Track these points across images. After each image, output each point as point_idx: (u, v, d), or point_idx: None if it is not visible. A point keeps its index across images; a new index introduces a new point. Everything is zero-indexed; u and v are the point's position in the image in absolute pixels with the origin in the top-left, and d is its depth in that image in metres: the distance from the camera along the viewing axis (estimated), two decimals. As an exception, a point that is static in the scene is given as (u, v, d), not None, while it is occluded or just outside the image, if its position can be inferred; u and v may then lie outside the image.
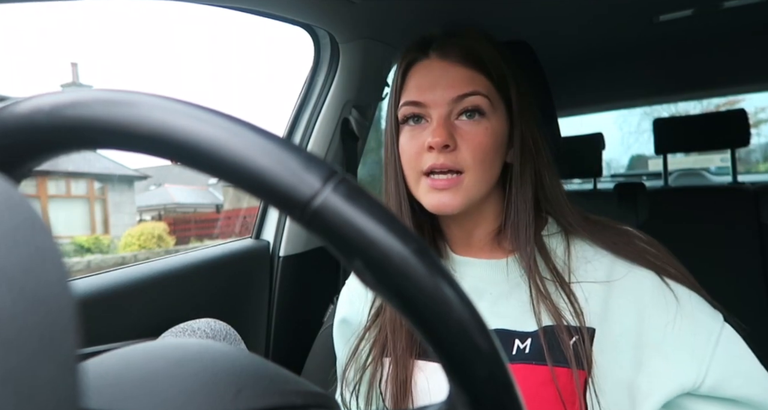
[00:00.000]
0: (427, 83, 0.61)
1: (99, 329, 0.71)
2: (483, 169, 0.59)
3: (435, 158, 0.58)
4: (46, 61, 34.03)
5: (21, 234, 0.15)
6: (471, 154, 0.58)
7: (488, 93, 0.60)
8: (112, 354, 0.24)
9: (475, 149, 0.58)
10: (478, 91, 0.59)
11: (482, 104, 0.59)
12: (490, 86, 0.60)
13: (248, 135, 0.19)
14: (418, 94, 0.61)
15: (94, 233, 11.49)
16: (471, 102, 0.59)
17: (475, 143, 0.59)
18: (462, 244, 0.67)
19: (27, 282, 0.14)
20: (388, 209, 0.20)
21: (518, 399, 0.21)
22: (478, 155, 0.58)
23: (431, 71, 0.61)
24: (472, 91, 0.59)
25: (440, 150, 0.58)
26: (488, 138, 0.59)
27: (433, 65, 0.61)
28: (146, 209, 15.59)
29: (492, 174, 0.61)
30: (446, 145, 0.57)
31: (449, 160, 0.58)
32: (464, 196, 0.59)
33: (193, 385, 0.22)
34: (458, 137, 0.59)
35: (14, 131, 0.21)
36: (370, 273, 0.19)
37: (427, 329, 0.20)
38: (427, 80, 0.61)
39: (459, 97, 0.59)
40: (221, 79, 44.69)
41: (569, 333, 0.56)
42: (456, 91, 0.59)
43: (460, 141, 0.59)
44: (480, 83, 0.60)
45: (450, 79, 0.60)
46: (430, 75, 0.61)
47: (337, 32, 1.06)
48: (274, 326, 1.12)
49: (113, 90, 0.20)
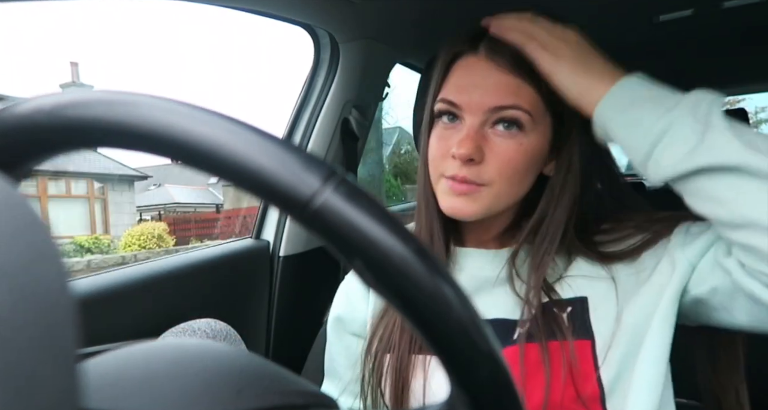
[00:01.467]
0: (468, 85, 0.57)
1: (99, 329, 0.71)
2: (509, 185, 0.57)
3: (458, 169, 0.55)
4: (46, 61, 34.01)
5: (21, 234, 0.15)
6: (498, 170, 0.55)
7: (531, 108, 0.56)
8: (112, 354, 0.24)
9: (503, 166, 0.55)
10: (520, 105, 0.55)
11: (522, 118, 0.55)
12: (536, 100, 0.56)
13: (248, 135, 0.19)
14: (456, 94, 0.57)
15: (94, 233, 11.49)
16: (509, 115, 0.55)
17: (505, 160, 0.55)
18: (473, 238, 0.66)
19: (27, 282, 0.14)
20: (388, 209, 0.20)
21: (518, 398, 0.21)
22: (506, 171, 0.56)
23: (475, 71, 0.57)
24: (513, 104, 0.55)
25: (464, 162, 0.55)
26: (520, 155, 0.56)
27: (479, 65, 0.57)
28: (146, 209, 15.59)
29: (520, 189, 0.59)
30: (471, 159, 0.54)
31: (472, 173, 0.55)
32: (482, 205, 0.57)
33: (193, 385, 0.22)
34: (487, 150, 0.55)
35: (15, 131, 0.21)
36: (371, 273, 0.19)
37: (427, 329, 0.20)
38: (469, 81, 0.57)
39: (497, 108, 0.55)
40: (221, 80, 44.67)
41: (563, 306, 0.57)
42: (496, 100, 0.55)
43: (489, 154, 0.55)
44: (525, 96, 0.55)
45: (492, 86, 0.56)
46: (472, 76, 0.57)
47: (337, 32, 1.06)
48: (274, 326, 1.12)
49: (114, 90, 0.20)
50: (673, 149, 0.48)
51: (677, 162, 0.48)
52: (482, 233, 0.65)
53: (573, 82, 0.54)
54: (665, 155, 0.49)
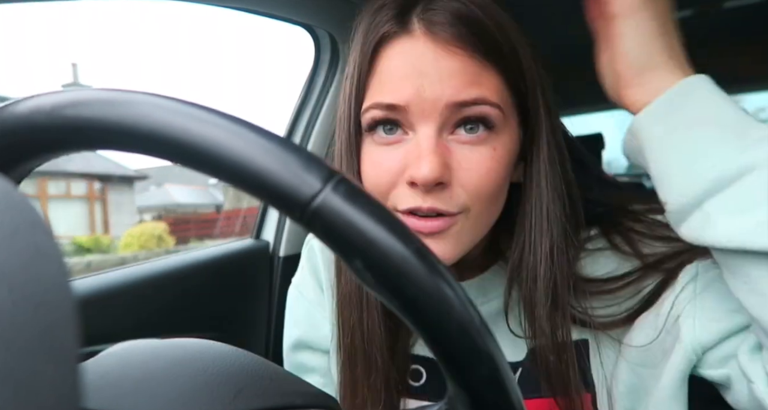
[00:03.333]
0: (409, 78, 0.40)
1: (99, 329, 0.71)
2: (488, 205, 0.42)
3: (420, 199, 0.40)
4: (46, 61, 34.00)
5: (21, 234, 0.15)
6: (473, 190, 0.41)
7: (500, 99, 0.41)
8: (112, 353, 0.24)
9: (478, 184, 0.41)
10: (486, 98, 0.40)
11: (491, 115, 0.41)
12: (502, 87, 0.41)
13: (248, 135, 0.19)
14: (395, 93, 0.40)
15: (94, 233, 11.49)
16: (475, 113, 0.40)
17: (479, 176, 0.40)
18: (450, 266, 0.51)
19: (27, 282, 0.14)
20: (388, 210, 0.20)
21: (518, 398, 0.21)
22: (482, 191, 0.41)
23: (416, 58, 0.40)
24: (477, 97, 0.40)
25: (429, 189, 0.39)
26: (497, 164, 0.41)
27: (419, 47, 0.40)
28: (146, 209, 15.59)
29: (497, 209, 0.45)
30: (440, 182, 0.39)
31: (441, 201, 0.40)
32: (459, 244, 0.42)
33: (193, 385, 0.22)
34: (454, 165, 0.40)
35: (14, 131, 0.21)
36: (371, 274, 0.19)
37: (427, 329, 0.20)
38: (409, 73, 0.40)
39: (457, 105, 0.40)
40: (221, 79, 44.65)
41: (559, 353, 0.45)
42: (454, 94, 0.39)
43: (458, 171, 0.40)
44: (489, 83, 0.40)
45: (445, 74, 0.39)
46: (412, 65, 0.40)
47: (337, 32, 1.06)
48: (274, 326, 1.12)
49: (113, 90, 0.20)
50: (744, 208, 0.33)
51: (741, 232, 0.33)
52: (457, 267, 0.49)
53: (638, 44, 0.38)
54: (725, 215, 0.34)
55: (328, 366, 0.59)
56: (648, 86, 0.38)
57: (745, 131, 0.35)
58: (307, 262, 0.62)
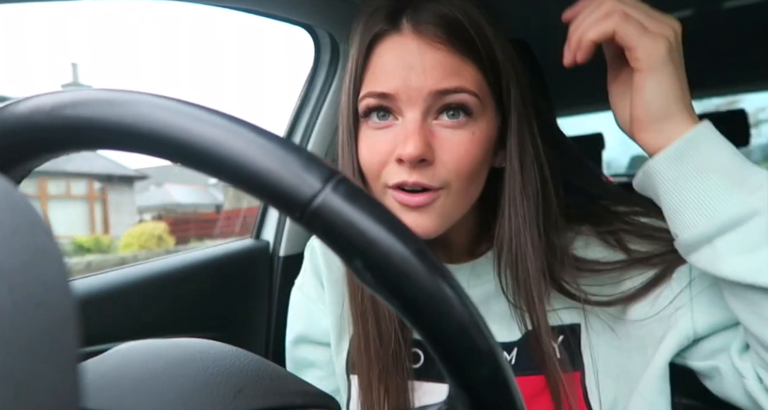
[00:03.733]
0: (398, 69, 0.46)
1: (99, 329, 0.71)
2: (467, 184, 0.48)
3: (406, 174, 0.46)
4: (46, 61, 34.01)
5: (21, 234, 0.15)
6: (454, 168, 0.46)
7: (477, 89, 0.47)
8: (112, 353, 0.24)
9: (458, 163, 0.46)
10: (465, 87, 0.46)
11: (470, 102, 0.46)
12: (479, 79, 0.47)
13: (248, 135, 0.19)
14: (386, 82, 0.47)
15: (94, 233, 11.49)
16: (455, 100, 0.46)
17: (458, 156, 0.46)
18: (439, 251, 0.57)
19: (27, 282, 0.14)
20: (388, 210, 0.20)
21: (518, 398, 0.21)
22: (462, 168, 0.46)
23: (404, 52, 0.46)
24: (457, 86, 0.46)
25: (414, 165, 0.45)
26: (475, 146, 0.47)
27: (407, 44, 0.46)
28: (146, 209, 15.59)
29: (477, 188, 0.50)
30: (423, 159, 0.45)
31: (425, 177, 0.46)
32: (441, 217, 0.47)
33: (194, 385, 0.22)
34: (437, 146, 0.46)
35: (14, 131, 0.21)
36: (371, 273, 0.19)
37: (427, 329, 0.20)
38: (398, 65, 0.46)
39: (440, 93, 0.46)
40: (221, 79, 44.67)
41: (555, 335, 0.51)
42: (436, 83, 0.45)
43: (440, 151, 0.46)
44: (468, 75, 0.47)
45: (429, 66, 0.45)
46: (402, 58, 0.46)
47: (337, 32, 1.06)
48: (273, 326, 1.12)
49: (113, 90, 0.20)
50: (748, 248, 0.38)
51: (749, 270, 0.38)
52: (447, 250, 0.57)
53: (658, 96, 0.42)
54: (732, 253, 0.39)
55: (329, 358, 0.62)
56: (663, 133, 0.43)
57: (748, 176, 0.40)
58: (309, 262, 0.67)
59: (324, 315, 0.62)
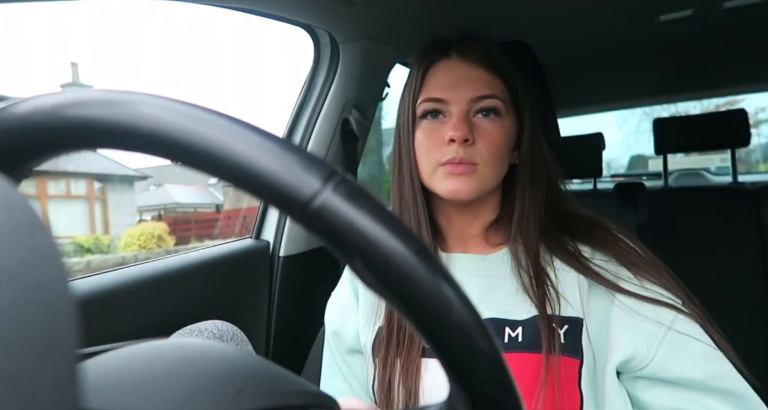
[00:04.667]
0: (449, 82, 0.65)
1: (99, 329, 0.71)
2: (496, 162, 0.64)
3: (455, 151, 0.62)
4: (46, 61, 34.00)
5: (21, 234, 0.15)
6: (487, 149, 0.63)
7: (503, 97, 0.65)
8: (112, 354, 0.24)
9: (491, 145, 0.63)
10: (496, 94, 0.64)
11: (498, 105, 0.64)
12: (505, 91, 0.65)
13: (248, 135, 0.19)
14: (440, 91, 0.65)
15: (94, 233, 11.49)
16: (488, 103, 0.64)
17: (491, 139, 0.63)
18: (456, 238, 0.70)
19: (27, 282, 0.14)
20: (388, 210, 0.20)
21: (518, 398, 0.21)
22: (492, 150, 0.63)
23: (453, 71, 0.65)
24: (490, 93, 0.64)
25: (460, 143, 0.62)
26: (503, 135, 0.64)
27: (455, 65, 0.66)
28: (146, 209, 15.59)
29: (502, 169, 0.66)
30: (466, 139, 0.62)
31: (467, 154, 0.62)
32: (478, 183, 0.63)
33: (194, 385, 0.22)
34: (476, 133, 0.63)
35: (14, 131, 0.21)
36: (371, 273, 0.19)
37: (427, 329, 0.20)
38: (449, 79, 0.65)
39: (478, 98, 0.64)
40: (221, 80, 44.68)
41: (560, 323, 0.59)
42: (476, 91, 0.63)
43: (477, 137, 0.63)
44: (497, 87, 0.65)
45: (471, 80, 0.64)
46: (452, 74, 0.65)
47: (337, 32, 1.06)
48: (274, 326, 1.12)
49: (113, 90, 0.20)
50: None
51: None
52: (466, 230, 0.70)
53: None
54: None
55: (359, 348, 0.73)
56: None
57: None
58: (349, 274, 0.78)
59: (352, 322, 0.73)
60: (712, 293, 0.58)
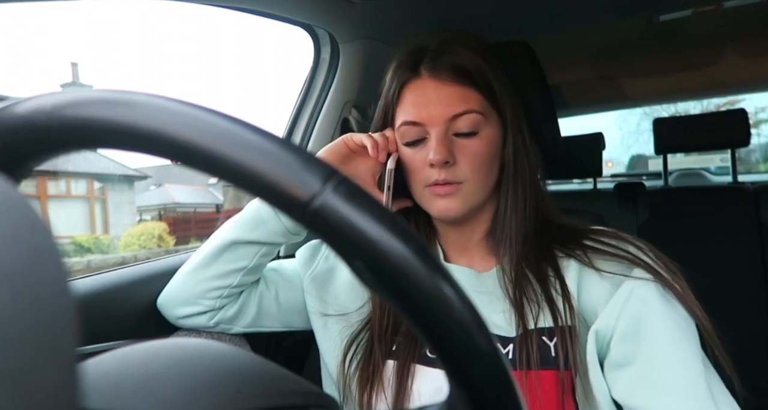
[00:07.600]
0: (422, 103, 0.63)
1: (99, 329, 0.71)
2: (481, 177, 0.63)
3: (437, 174, 0.62)
4: (46, 61, 34.03)
5: (21, 234, 0.15)
6: (469, 166, 0.62)
7: (481, 108, 0.63)
8: (112, 354, 0.24)
9: (473, 161, 0.62)
10: (471, 109, 0.62)
11: (477, 120, 0.62)
12: (481, 100, 0.63)
13: (248, 135, 0.19)
14: (415, 113, 0.64)
15: (94, 233, 11.48)
16: (466, 121, 0.62)
17: (472, 156, 0.62)
18: (459, 249, 0.70)
19: (27, 282, 0.14)
20: (387, 210, 0.20)
21: (518, 398, 0.21)
22: (475, 166, 0.62)
23: (425, 91, 0.63)
24: (465, 110, 0.62)
25: (441, 166, 0.61)
26: (484, 147, 0.63)
27: (426, 85, 0.64)
28: (146, 209, 15.58)
29: (490, 179, 0.65)
30: (446, 161, 0.61)
31: (450, 174, 0.62)
32: (465, 200, 0.63)
33: (193, 385, 0.22)
34: (457, 152, 0.62)
35: (15, 131, 0.21)
36: (371, 273, 0.19)
37: (427, 329, 0.20)
38: (422, 100, 0.63)
39: (454, 117, 0.62)
40: (221, 79, 44.67)
41: (550, 335, 0.58)
42: (451, 110, 0.62)
43: (459, 155, 0.62)
44: (472, 100, 0.63)
45: (443, 99, 0.62)
46: (424, 95, 0.63)
47: (337, 32, 1.06)
48: (274, 326, 1.12)
49: (113, 90, 0.20)
50: None
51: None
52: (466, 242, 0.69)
53: None
54: None
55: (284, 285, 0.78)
56: None
57: None
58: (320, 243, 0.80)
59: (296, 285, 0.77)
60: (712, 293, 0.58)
